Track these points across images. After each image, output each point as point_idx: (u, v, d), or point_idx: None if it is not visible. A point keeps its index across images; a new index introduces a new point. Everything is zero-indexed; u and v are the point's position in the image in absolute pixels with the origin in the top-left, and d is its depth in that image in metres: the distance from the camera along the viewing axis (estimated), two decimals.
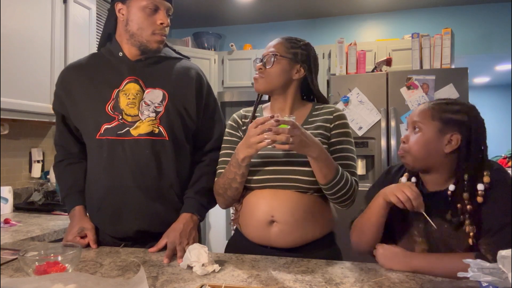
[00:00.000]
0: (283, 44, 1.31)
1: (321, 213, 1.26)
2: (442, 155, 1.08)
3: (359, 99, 2.94)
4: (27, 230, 1.70)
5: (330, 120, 1.28)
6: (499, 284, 0.78)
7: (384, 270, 1.07)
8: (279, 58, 1.28)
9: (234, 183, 1.22)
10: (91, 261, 1.17)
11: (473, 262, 0.81)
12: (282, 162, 1.22)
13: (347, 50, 3.08)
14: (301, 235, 1.22)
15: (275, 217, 1.21)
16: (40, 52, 2.10)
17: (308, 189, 1.22)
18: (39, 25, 2.09)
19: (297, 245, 1.23)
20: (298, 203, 1.21)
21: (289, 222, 1.20)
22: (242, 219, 1.29)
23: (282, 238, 1.21)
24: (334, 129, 1.28)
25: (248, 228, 1.27)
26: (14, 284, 0.85)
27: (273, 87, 1.30)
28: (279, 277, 1.02)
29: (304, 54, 1.31)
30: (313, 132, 1.25)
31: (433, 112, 1.10)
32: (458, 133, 1.06)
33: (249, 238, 1.27)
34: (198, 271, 1.04)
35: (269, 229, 1.22)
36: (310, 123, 1.29)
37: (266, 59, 1.29)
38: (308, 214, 1.22)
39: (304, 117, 1.31)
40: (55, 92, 1.43)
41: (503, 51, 3.91)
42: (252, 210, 1.24)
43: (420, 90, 2.85)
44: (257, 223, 1.23)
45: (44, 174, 2.48)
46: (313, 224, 1.23)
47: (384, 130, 2.87)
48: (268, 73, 1.28)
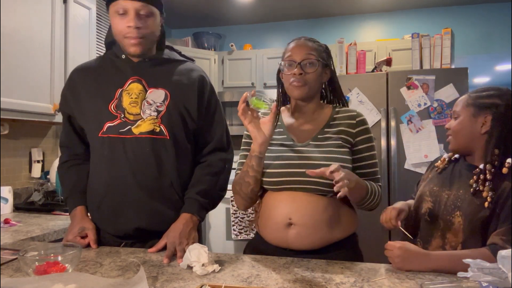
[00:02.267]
0: (315, 47, 1.27)
1: (341, 215, 1.25)
2: (479, 136, 1.22)
3: (359, 99, 2.94)
4: (27, 230, 1.70)
5: (353, 125, 1.29)
6: (499, 284, 0.78)
7: (385, 270, 1.07)
8: (316, 62, 1.25)
9: (246, 176, 1.22)
10: (91, 261, 1.17)
11: (473, 262, 0.81)
12: (300, 164, 1.21)
13: (347, 50, 3.08)
14: (320, 237, 1.21)
15: (292, 220, 1.20)
16: (40, 52, 2.10)
17: (327, 191, 1.20)
18: (39, 25, 2.09)
19: (315, 247, 1.22)
20: (316, 205, 1.20)
21: (307, 225, 1.19)
22: (261, 221, 1.29)
23: (299, 240, 1.21)
24: (359, 135, 1.28)
25: (266, 230, 1.27)
26: (14, 284, 0.85)
27: (313, 93, 1.29)
28: (279, 277, 1.02)
29: (327, 56, 1.31)
30: (334, 137, 1.26)
31: (468, 100, 1.26)
32: (490, 115, 1.20)
33: (268, 240, 1.27)
34: (198, 271, 1.04)
35: (287, 232, 1.21)
36: (332, 127, 1.29)
37: (305, 64, 1.24)
38: (326, 216, 1.21)
39: (325, 121, 1.30)
40: (62, 93, 1.46)
41: (503, 51, 3.91)
42: (270, 212, 1.24)
43: (420, 90, 2.85)
44: (275, 225, 1.22)
45: (44, 174, 2.48)
46: (332, 227, 1.22)
47: (384, 130, 2.87)
48: (308, 79, 1.24)
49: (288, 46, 1.30)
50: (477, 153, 1.23)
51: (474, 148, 1.24)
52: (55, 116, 2.20)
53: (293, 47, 1.27)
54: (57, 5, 2.21)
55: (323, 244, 1.22)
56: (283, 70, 1.28)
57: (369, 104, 2.92)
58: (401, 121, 2.88)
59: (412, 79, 2.85)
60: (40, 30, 2.10)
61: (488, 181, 1.15)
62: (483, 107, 1.22)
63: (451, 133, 1.30)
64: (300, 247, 1.22)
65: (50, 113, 2.16)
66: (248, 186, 1.23)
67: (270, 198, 1.26)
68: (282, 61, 1.29)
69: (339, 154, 1.23)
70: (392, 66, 3.15)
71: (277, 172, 1.23)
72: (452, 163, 1.34)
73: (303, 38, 1.30)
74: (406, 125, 2.87)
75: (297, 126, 1.32)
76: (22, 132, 2.43)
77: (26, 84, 2.01)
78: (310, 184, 1.19)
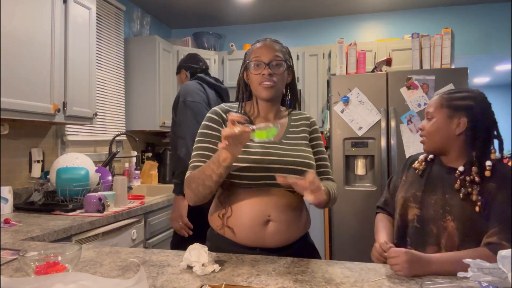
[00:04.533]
0: (280, 49, 1.29)
1: (304, 212, 1.32)
2: (454, 137, 1.25)
3: (359, 99, 2.94)
4: (27, 230, 1.70)
5: (309, 125, 1.38)
6: (499, 284, 0.78)
7: (385, 270, 1.07)
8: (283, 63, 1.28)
9: (209, 180, 1.14)
10: (91, 261, 1.17)
11: (473, 262, 0.81)
12: (277, 160, 1.23)
13: (347, 50, 3.08)
14: (291, 233, 1.25)
15: (271, 216, 1.21)
16: (40, 52, 2.10)
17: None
18: (39, 25, 2.09)
19: (285, 243, 1.25)
20: (290, 201, 1.24)
21: (284, 221, 1.22)
22: (231, 220, 1.24)
23: (277, 237, 1.22)
24: (313, 133, 1.38)
25: (238, 229, 1.23)
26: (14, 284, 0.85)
27: (279, 94, 1.34)
28: (279, 277, 1.02)
29: (289, 58, 1.34)
30: (300, 136, 1.32)
31: (442, 101, 1.28)
32: (464, 117, 1.23)
33: (238, 239, 1.23)
34: (198, 271, 1.04)
35: (264, 229, 1.22)
36: (295, 127, 1.34)
37: (273, 65, 1.25)
38: (296, 212, 1.26)
39: (287, 122, 1.35)
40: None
41: (503, 51, 3.91)
42: (245, 210, 1.22)
43: (420, 90, 2.85)
44: (252, 222, 1.21)
45: (44, 174, 2.48)
46: (299, 223, 1.28)
47: (384, 130, 2.87)
48: (278, 79, 1.27)
49: (254, 47, 1.30)
50: (453, 153, 1.27)
51: (449, 148, 1.27)
52: (55, 116, 2.20)
53: (260, 48, 1.28)
54: (57, 5, 2.21)
55: (291, 241, 1.26)
56: (250, 70, 1.28)
57: (369, 104, 2.92)
58: (401, 121, 2.88)
59: (412, 79, 2.85)
60: (40, 30, 2.10)
61: (476, 184, 1.17)
62: (457, 109, 1.25)
63: (425, 134, 1.31)
64: (274, 244, 1.23)
65: (50, 113, 2.16)
66: (208, 189, 1.17)
67: (243, 195, 1.23)
68: (248, 62, 1.29)
69: (307, 152, 1.29)
70: (392, 66, 3.15)
71: (254, 167, 1.21)
72: (429, 164, 1.35)
73: (268, 40, 1.32)
74: (406, 125, 2.87)
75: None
76: (22, 132, 2.43)
77: (26, 84, 2.01)
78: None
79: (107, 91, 3.32)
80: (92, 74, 2.55)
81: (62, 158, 2.36)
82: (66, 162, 2.30)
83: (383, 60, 3.12)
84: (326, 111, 3.49)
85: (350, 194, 2.93)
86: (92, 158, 2.55)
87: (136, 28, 3.74)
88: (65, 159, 2.33)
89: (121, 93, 3.52)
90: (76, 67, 2.37)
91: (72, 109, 2.33)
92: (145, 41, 3.56)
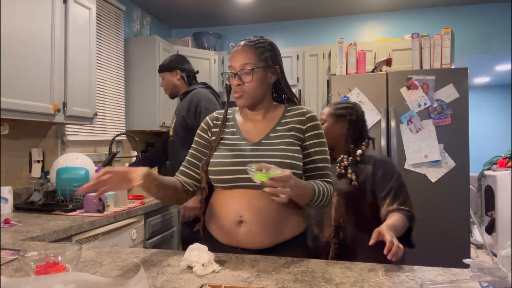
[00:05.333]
0: (254, 52, 1.26)
1: (291, 214, 1.25)
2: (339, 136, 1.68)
3: (359, 99, 2.94)
4: (27, 230, 1.70)
5: (303, 122, 1.29)
6: (499, 284, 0.78)
7: (385, 270, 1.08)
8: (255, 70, 1.25)
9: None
10: (91, 261, 1.17)
11: (473, 262, 0.81)
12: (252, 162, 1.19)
13: (347, 50, 3.08)
14: (269, 236, 1.21)
15: (243, 217, 1.21)
16: (40, 52, 2.10)
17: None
18: (39, 25, 2.09)
19: (265, 246, 1.22)
20: (267, 204, 1.20)
21: (257, 223, 1.20)
22: (211, 219, 1.30)
23: (250, 238, 1.21)
24: (308, 131, 1.29)
25: (216, 228, 1.27)
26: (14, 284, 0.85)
27: (256, 100, 1.30)
28: (279, 277, 1.02)
29: (273, 55, 1.30)
30: (285, 134, 1.27)
31: (331, 110, 1.72)
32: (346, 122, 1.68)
33: (218, 238, 1.27)
34: (198, 271, 1.04)
35: (238, 230, 1.22)
36: (283, 125, 1.29)
37: (242, 74, 1.24)
38: (277, 215, 1.21)
39: (277, 119, 1.31)
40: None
41: (503, 51, 3.91)
42: (220, 210, 1.25)
43: (420, 90, 2.85)
44: (226, 223, 1.23)
45: (44, 174, 2.48)
46: (282, 225, 1.22)
47: (384, 130, 2.87)
48: (248, 87, 1.25)
49: (230, 54, 1.30)
50: (338, 148, 1.68)
51: (336, 145, 1.67)
52: (55, 116, 2.20)
53: (232, 55, 1.28)
54: (57, 5, 2.21)
55: (273, 243, 1.23)
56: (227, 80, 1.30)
57: (369, 104, 2.92)
58: (401, 121, 2.88)
59: (412, 79, 2.85)
60: (40, 30, 2.10)
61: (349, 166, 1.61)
62: (341, 116, 1.69)
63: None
64: (250, 246, 1.22)
65: (50, 113, 2.16)
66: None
67: (221, 196, 1.27)
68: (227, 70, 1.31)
69: (290, 152, 1.23)
70: (392, 66, 3.15)
71: (229, 170, 1.23)
72: None
73: (242, 42, 1.29)
74: (406, 125, 2.87)
75: (250, 126, 1.33)
76: (22, 132, 2.43)
77: (26, 84, 2.01)
78: None
79: (107, 91, 3.31)
80: (92, 74, 2.55)
81: (62, 158, 2.36)
82: (66, 162, 2.30)
83: (383, 60, 3.12)
84: None
85: None
86: (92, 158, 2.54)
87: (136, 28, 3.74)
88: (65, 159, 2.33)
89: (121, 93, 3.52)
90: (76, 67, 2.37)
91: (72, 109, 2.33)
92: (145, 41, 3.56)
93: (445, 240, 2.79)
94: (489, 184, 4.67)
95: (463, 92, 2.79)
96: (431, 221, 2.81)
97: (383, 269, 1.09)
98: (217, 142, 1.31)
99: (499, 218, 4.38)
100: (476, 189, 4.94)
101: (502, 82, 6.75)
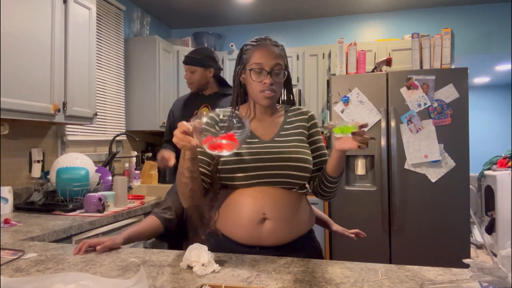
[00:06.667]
0: (280, 53, 1.30)
1: (304, 210, 1.30)
2: None
3: (359, 99, 2.94)
4: (27, 230, 1.70)
5: (306, 119, 1.37)
6: (499, 284, 0.78)
7: (385, 270, 1.08)
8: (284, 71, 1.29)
9: (183, 177, 1.18)
10: (91, 261, 1.17)
11: (473, 262, 0.81)
12: (270, 158, 1.23)
13: (347, 50, 3.07)
14: (289, 231, 1.24)
15: (266, 214, 1.21)
16: (40, 52, 2.10)
17: (294, 184, 1.25)
18: (39, 25, 2.09)
19: (284, 242, 1.24)
20: (286, 199, 1.24)
21: (280, 219, 1.22)
22: (228, 219, 1.26)
23: (272, 235, 1.22)
24: (312, 128, 1.37)
25: (236, 229, 1.25)
26: (14, 284, 0.85)
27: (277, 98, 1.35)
28: (279, 277, 1.02)
29: (286, 58, 1.34)
30: (295, 132, 1.32)
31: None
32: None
33: (236, 239, 1.25)
34: (198, 271, 1.04)
35: (261, 227, 1.22)
36: (290, 124, 1.34)
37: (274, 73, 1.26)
38: (294, 210, 1.25)
39: (282, 119, 1.35)
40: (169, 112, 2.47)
41: (503, 51, 3.91)
42: (241, 209, 1.23)
43: (420, 90, 2.85)
44: (247, 222, 1.22)
45: (44, 174, 2.48)
46: (298, 221, 1.26)
47: (384, 130, 2.87)
48: (277, 87, 1.29)
49: (254, 50, 1.28)
50: None
51: None
52: (55, 116, 2.20)
53: (262, 53, 1.27)
54: (57, 5, 2.21)
55: (290, 239, 1.25)
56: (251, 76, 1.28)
57: (369, 104, 2.92)
58: (401, 121, 2.88)
59: (412, 79, 2.85)
60: (40, 30, 2.10)
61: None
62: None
63: None
64: (272, 243, 1.23)
65: (50, 113, 2.16)
66: (186, 186, 1.20)
67: (238, 194, 1.25)
68: (248, 67, 1.28)
69: (303, 148, 1.29)
70: (392, 66, 3.15)
71: (247, 167, 1.23)
72: None
73: (269, 42, 1.30)
74: (406, 125, 2.87)
75: (257, 125, 1.34)
76: (22, 132, 2.43)
77: (26, 84, 2.01)
78: (279, 177, 1.23)
79: (107, 91, 3.31)
80: (92, 74, 2.55)
81: (62, 158, 2.36)
82: (66, 162, 2.30)
83: (383, 60, 3.12)
84: (326, 112, 3.49)
85: (350, 194, 2.93)
86: (92, 158, 2.54)
87: (136, 28, 3.74)
88: (65, 159, 2.33)
89: (121, 93, 3.52)
90: (76, 67, 2.37)
91: (72, 109, 2.33)
92: (145, 41, 3.56)
93: (445, 240, 2.79)
94: (489, 184, 4.67)
95: (463, 92, 2.79)
96: (431, 221, 2.81)
97: (383, 269, 1.09)
98: None
99: (499, 218, 4.38)
100: (476, 189, 4.94)
101: (502, 82, 6.75)
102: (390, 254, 2.83)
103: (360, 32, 4.15)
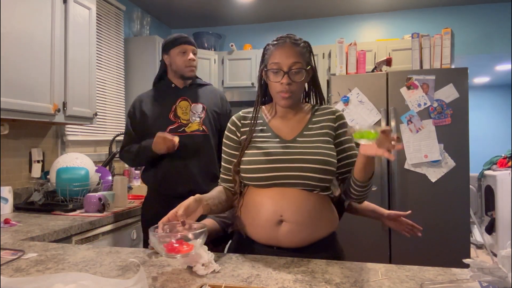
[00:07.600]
0: (300, 52, 1.24)
1: (326, 212, 1.26)
2: None
3: (359, 99, 2.94)
4: (27, 230, 1.70)
5: (333, 120, 1.31)
6: (499, 284, 0.78)
7: (385, 270, 1.08)
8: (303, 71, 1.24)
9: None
10: (91, 261, 1.17)
11: (473, 262, 0.81)
12: (290, 159, 1.21)
13: (347, 50, 3.07)
14: (308, 234, 1.21)
15: (284, 217, 1.19)
16: (40, 52, 2.10)
17: (315, 186, 1.21)
18: (39, 25, 2.09)
19: (303, 244, 1.22)
20: (305, 201, 1.20)
21: (298, 222, 1.19)
22: (247, 219, 1.27)
23: (290, 237, 1.20)
24: (339, 129, 1.30)
25: (254, 228, 1.25)
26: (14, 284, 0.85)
27: (298, 100, 1.31)
28: (279, 277, 1.02)
29: (310, 54, 1.30)
30: (319, 132, 1.27)
31: None
32: None
33: (255, 238, 1.25)
34: (198, 271, 1.04)
35: (278, 229, 1.20)
36: (315, 124, 1.29)
37: (291, 73, 1.22)
38: (314, 213, 1.21)
39: (308, 118, 1.31)
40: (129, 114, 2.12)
41: (503, 51, 3.91)
42: (259, 210, 1.22)
43: (420, 90, 2.84)
44: (265, 222, 1.21)
45: (44, 174, 2.48)
46: (318, 224, 1.23)
47: None
48: (296, 87, 1.24)
49: (273, 50, 1.26)
50: None
51: None
52: (55, 116, 2.20)
53: (279, 52, 1.24)
54: (57, 5, 2.21)
55: (310, 242, 1.22)
56: (268, 77, 1.26)
57: (369, 104, 2.92)
58: (401, 121, 2.88)
59: (412, 79, 2.85)
60: (40, 30, 2.10)
61: None
62: None
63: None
64: (289, 245, 1.21)
65: (50, 113, 2.16)
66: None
67: (257, 194, 1.24)
68: (267, 67, 1.26)
69: (326, 150, 1.23)
70: (392, 66, 3.15)
71: (266, 168, 1.21)
72: None
73: (288, 41, 1.26)
74: (406, 125, 2.87)
75: (280, 124, 1.31)
76: (22, 132, 2.43)
77: (26, 84, 2.01)
78: (299, 179, 1.20)
79: (107, 91, 3.31)
80: (92, 74, 2.55)
81: (62, 158, 2.36)
82: (66, 162, 2.30)
83: (383, 60, 3.11)
84: None
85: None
86: (92, 158, 2.54)
87: (136, 28, 3.74)
88: (65, 159, 2.33)
89: (121, 93, 3.52)
90: (76, 67, 2.37)
91: (72, 109, 2.33)
92: (145, 41, 3.56)
93: (445, 240, 2.78)
94: (489, 184, 4.67)
95: (463, 92, 2.79)
96: (431, 221, 2.80)
97: (383, 269, 1.09)
98: (248, 141, 1.28)
99: (499, 218, 4.38)
100: (476, 189, 4.94)
101: (502, 82, 6.75)
102: (390, 254, 2.83)
103: (360, 32, 4.15)
